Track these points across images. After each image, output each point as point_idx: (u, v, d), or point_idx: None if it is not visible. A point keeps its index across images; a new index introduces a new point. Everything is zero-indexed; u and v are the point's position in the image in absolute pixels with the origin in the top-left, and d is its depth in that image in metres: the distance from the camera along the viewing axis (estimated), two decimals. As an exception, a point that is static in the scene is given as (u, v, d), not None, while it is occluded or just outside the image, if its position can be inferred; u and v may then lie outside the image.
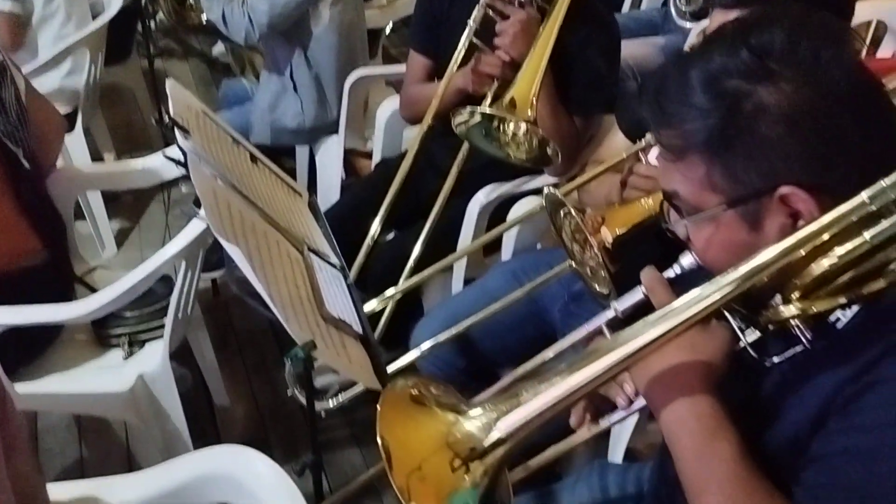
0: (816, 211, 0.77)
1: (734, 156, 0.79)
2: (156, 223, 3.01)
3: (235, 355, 2.46)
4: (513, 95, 1.63)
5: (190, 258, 1.64)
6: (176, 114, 1.16)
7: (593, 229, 1.30)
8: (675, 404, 0.81)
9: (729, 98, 0.77)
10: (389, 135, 2.35)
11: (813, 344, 0.78)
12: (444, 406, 0.81)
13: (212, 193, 1.03)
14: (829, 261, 0.76)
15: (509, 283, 1.75)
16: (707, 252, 0.86)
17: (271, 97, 2.55)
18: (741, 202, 0.80)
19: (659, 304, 0.86)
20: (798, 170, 0.77)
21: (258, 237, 1.08)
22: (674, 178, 0.84)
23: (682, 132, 0.80)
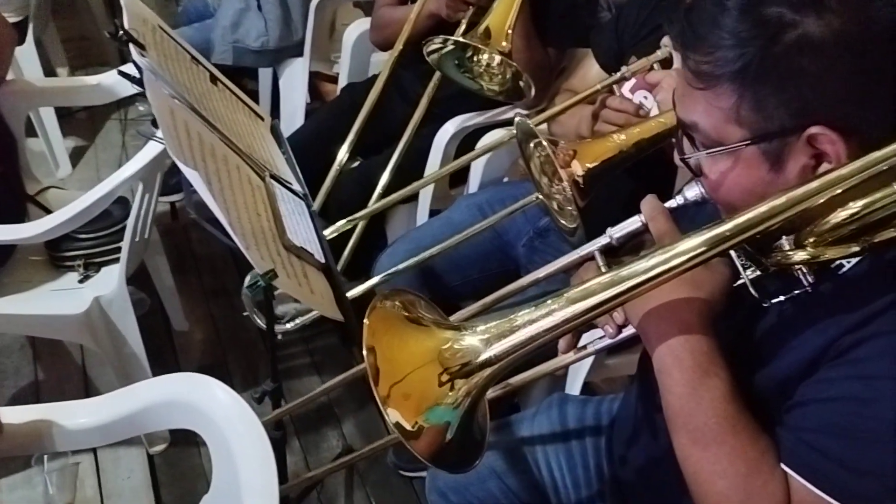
0: (844, 154, 0.74)
1: (768, 88, 0.75)
2: (112, 142, 2.92)
3: (194, 280, 2.43)
4: (488, 25, 1.58)
5: (147, 180, 1.59)
6: (131, 28, 1.10)
7: (564, 162, 1.27)
8: (670, 339, 0.80)
9: (771, 26, 0.73)
10: (357, 58, 2.29)
11: (813, 288, 0.77)
12: (441, 323, 0.80)
13: (169, 114, 0.98)
14: (852, 209, 0.74)
15: (475, 216, 1.73)
16: (720, 187, 0.82)
17: (234, 15, 2.44)
18: (766, 139, 0.76)
19: (658, 234, 0.85)
20: (833, 109, 0.74)
21: (218, 162, 1.04)
22: (696, 107, 0.80)
23: (715, 58, 0.76)
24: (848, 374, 0.74)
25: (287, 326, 1.79)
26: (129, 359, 1.78)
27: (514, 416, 1.30)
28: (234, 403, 0.97)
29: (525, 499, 1.16)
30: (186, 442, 1.85)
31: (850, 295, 0.76)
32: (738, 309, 0.86)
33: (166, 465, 1.85)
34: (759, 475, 0.76)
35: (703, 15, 0.77)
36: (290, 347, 2.20)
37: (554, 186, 1.34)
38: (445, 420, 0.76)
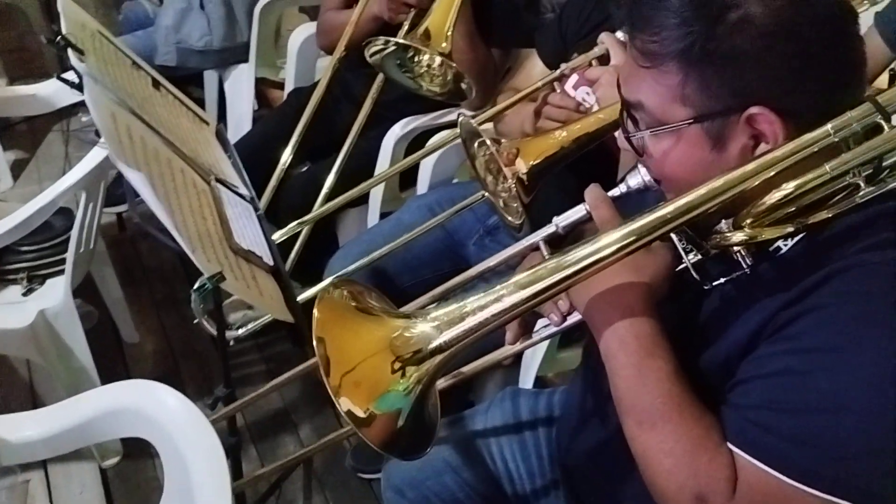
0: (781, 135, 0.77)
1: (711, 68, 0.77)
2: (54, 154, 2.87)
3: (144, 290, 2.40)
4: (427, 26, 1.59)
5: (90, 189, 1.56)
6: (69, 33, 1.08)
7: (508, 160, 1.30)
8: (614, 323, 0.82)
9: (715, 7, 0.75)
10: (302, 63, 2.28)
11: (753, 269, 0.79)
12: (391, 312, 0.81)
13: (110, 118, 0.98)
14: (786, 190, 0.77)
15: (425, 216, 1.74)
16: (663, 166, 0.84)
17: (176, 15, 2.42)
18: (709, 118, 0.78)
19: (601, 221, 0.87)
20: (771, 89, 0.76)
21: (161, 165, 1.03)
22: (641, 86, 0.82)
23: (661, 38, 0.78)
24: (785, 349, 0.76)
25: (238, 332, 1.77)
26: (78, 373, 1.75)
27: (468, 410, 1.32)
28: (185, 408, 0.96)
29: (481, 490, 1.17)
30: (140, 454, 1.83)
31: (788, 273, 0.79)
32: (681, 292, 0.88)
33: (119, 478, 1.82)
34: (705, 452, 0.78)
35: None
36: (243, 356, 2.18)
37: (499, 184, 1.36)
38: (397, 407, 0.77)
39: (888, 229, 0.77)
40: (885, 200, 0.78)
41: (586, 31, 1.57)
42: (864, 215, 0.78)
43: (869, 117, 0.75)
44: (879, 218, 0.78)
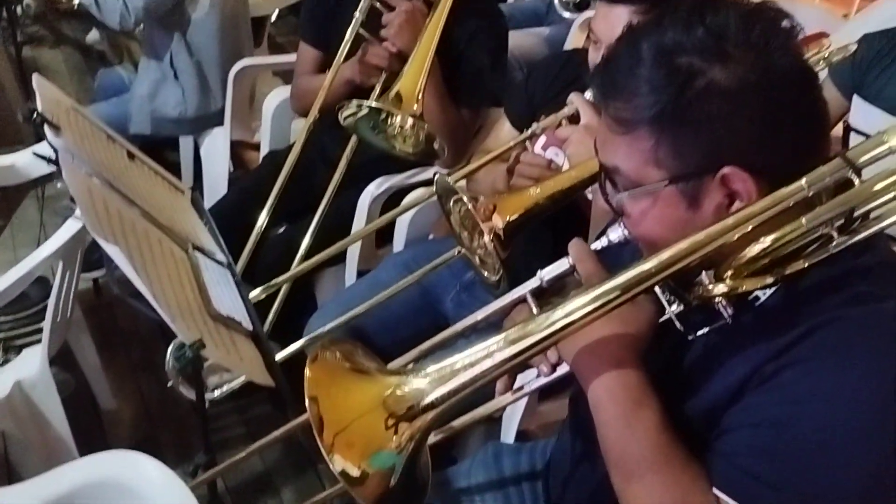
0: (755, 191, 0.80)
1: (682, 132, 0.80)
2: (29, 221, 2.85)
3: (121, 356, 2.37)
4: (398, 90, 1.64)
5: (67, 258, 1.57)
6: (45, 110, 1.11)
7: (485, 216, 1.32)
8: (602, 374, 0.84)
9: (683, 74, 0.79)
10: (277, 126, 2.32)
11: (734, 319, 0.82)
12: (383, 370, 0.83)
13: (87, 192, 0.99)
14: (765, 244, 0.80)
15: (402, 274, 1.76)
16: (640, 226, 0.87)
17: (151, 85, 2.45)
18: (683, 179, 0.81)
19: (586, 275, 0.90)
20: (741, 150, 0.79)
21: (139, 236, 1.04)
22: (617, 152, 0.85)
23: (633, 105, 0.81)
24: (772, 400, 0.78)
25: (216, 395, 1.76)
26: (55, 443, 1.72)
27: (450, 469, 1.32)
28: (165, 478, 0.96)
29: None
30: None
31: (769, 324, 0.82)
32: (664, 342, 0.90)
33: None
34: (693, 500, 0.80)
35: (620, 66, 0.84)
36: (223, 419, 2.16)
37: (475, 241, 1.39)
38: (390, 465, 0.78)
39: (862, 283, 0.81)
40: (857, 256, 0.82)
41: (553, 94, 1.62)
42: (839, 269, 0.81)
43: (840, 172, 0.79)
44: (853, 273, 0.81)
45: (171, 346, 1.52)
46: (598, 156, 0.90)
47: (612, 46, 0.87)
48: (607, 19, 1.36)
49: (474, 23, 1.84)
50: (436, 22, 1.73)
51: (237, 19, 2.48)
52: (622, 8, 1.33)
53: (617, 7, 1.33)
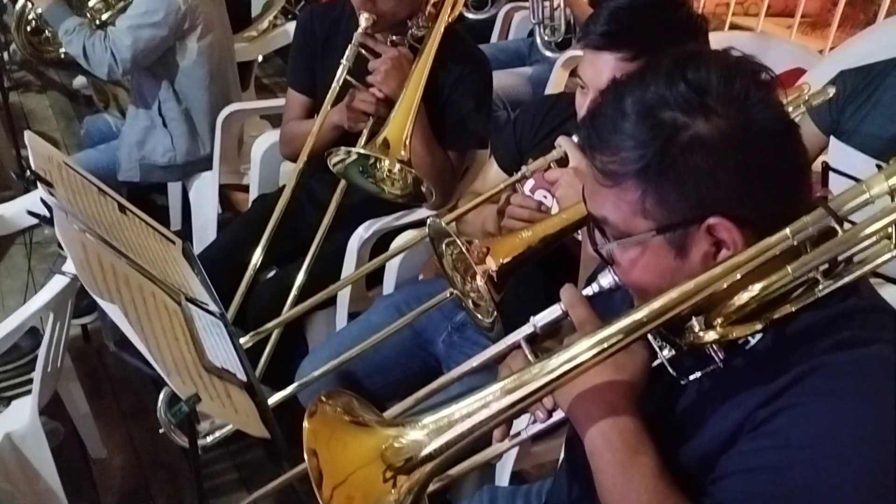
0: (740, 240, 0.82)
1: (668, 184, 0.82)
2: (17, 268, 2.84)
3: (110, 402, 2.36)
4: (386, 136, 1.66)
5: (58, 310, 1.57)
6: (37, 166, 1.12)
7: (478, 259, 1.34)
8: (598, 422, 0.85)
9: (667, 129, 0.81)
10: (266, 170, 2.33)
11: (725, 363, 0.83)
12: (381, 422, 0.83)
13: (81, 248, 1.00)
14: (753, 292, 0.82)
15: (393, 316, 1.77)
16: (630, 273, 0.89)
17: (139, 133, 2.47)
18: (670, 229, 0.84)
19: (579, 321, 0.91)
20: (726, 201, 0.81)
21: (133, 291, 1.05)
22: (605, 203, 0.87)
23: (620, 159, 0.84)
24: (765, 446, 0.80)
25: (208, 441, 1.75)
26: (45, 495, 1.71)
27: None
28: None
29: None
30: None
31: (760, 369, 0.83)
32: (657, 385, 0.91)
33: None
34: None
35: (606, 120, 0.86)
36: (215, 464, 2.14)
37: (468, 284, 1.40)
38: None
39: (849, 328, 0.83)
40: (843, 299, 0.84)
41: (541, 137, 1.65)
42: (825, 314, 0.83)
43: (823, 222, 0.81)
44: (839, 317, 0.83)
45: (163, 393, 1.51)
46: (586, 206, 0.93)
47: (597, 100, 0.90)
48: (594, 65, 1.38)
49: (459, 68, 1.87)
50: (422, 68, 1.76)
51: (224, 65, 2.50)
52: (608, 55, 1.36)
53: (603, 54, 1.36)
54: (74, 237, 1.02)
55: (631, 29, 1.35)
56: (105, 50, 2.25)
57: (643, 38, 1.34)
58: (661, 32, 1.34)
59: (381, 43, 1.82)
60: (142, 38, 2.26)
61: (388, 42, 1.82)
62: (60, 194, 1.13)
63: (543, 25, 3.11)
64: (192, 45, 2.36)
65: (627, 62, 1.35)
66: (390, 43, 1.82)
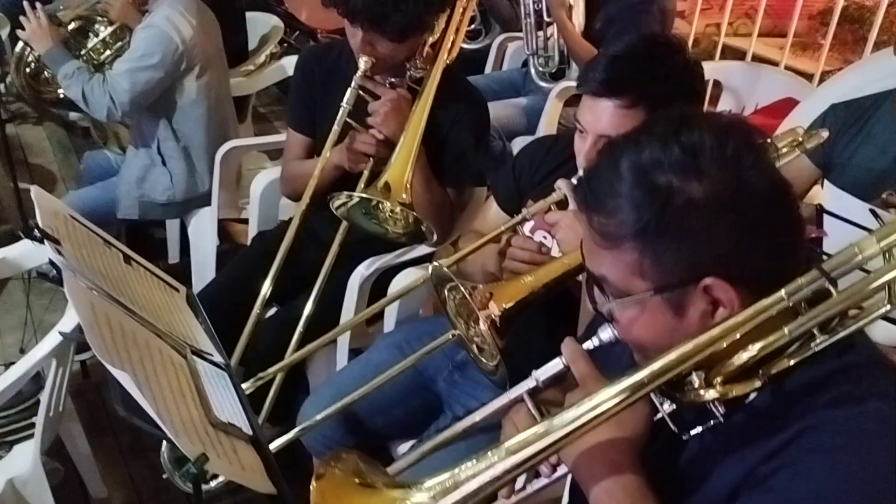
0: (736, 300, 0.84)
1: (664, 246, 0.84)
2: (16, 303, 2.83)
3: (110, 439, 2.35)
4: (387, 179, 1.68)
5: (60, 356, 1.57)
6: (45, 225, 1.13)
7: (481, 304, 1.35)
8: (602, 479, 0.86)
9: (662, 192, 0.83)
10: (265, 207, 2.34)
11: (726, 418, 0.85)
12: (387, 483, 0.84)
13: (90, 309, 1.01)
14: (751, 352, 0.83)
15: (394, 355, 1.78)
16: (630, 331, 0.91)
17: (138, 171, 2.48)
18: (667, 289, 0.85)
19: (580, 376, 0.93)
20: (721, 262, 0.83)
21: (140, 349, 1.06)
22: (603, 262, 0.89)
23: (617, 222, 0.85)
24: (766, 501, 0.81)
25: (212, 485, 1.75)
26: (46, 539, 1.70)
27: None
28: None
29: None
30: None
31: (760, 425, 0.85)
32: (659, 439, 0.92)
33: None
34: None
35: (602, 182, 0.88)
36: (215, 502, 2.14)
37: (472, 328, 1.41)
38: None
39: (846, 384, 0.84)
40: (839, 354, 0.86)
41: (540, 178, 1.67)
42: (822, 369, 0.85)
43: (817, 283, 0.83)
44: (836, 373, 0.85)
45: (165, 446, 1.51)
46: (584, 262, 0.94)
47: (594, 161, 0.92)
48: (593, 111, 1.41)
49: (456, 107, 1.89)
50: (421, 110, 1.78)
51: (222, 102, 2.52)
52: (607, 101, 1.38)
53: (602, 100, 1.38)
54: (83, 297, 1.03)
55: (629, 76, 1.37)
56: (104, 93, 2.27)
57: (641, 86, 1.36)
58: (659, 79, 1.37)
59: (380, 85, 1.84)
60: (140, 81, 2.27)
61: (387, 84, 1.85)
62: (67, 250, 1.14)
63: (537, 56, 3.14)
64: (190, 84, 2.38)
65: (626, 109, 1.37)
66: (389, 85, 1.84)
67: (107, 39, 2.48)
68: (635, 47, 1.40)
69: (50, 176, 3.73)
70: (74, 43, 2.46)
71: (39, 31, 2.28)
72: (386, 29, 1.72)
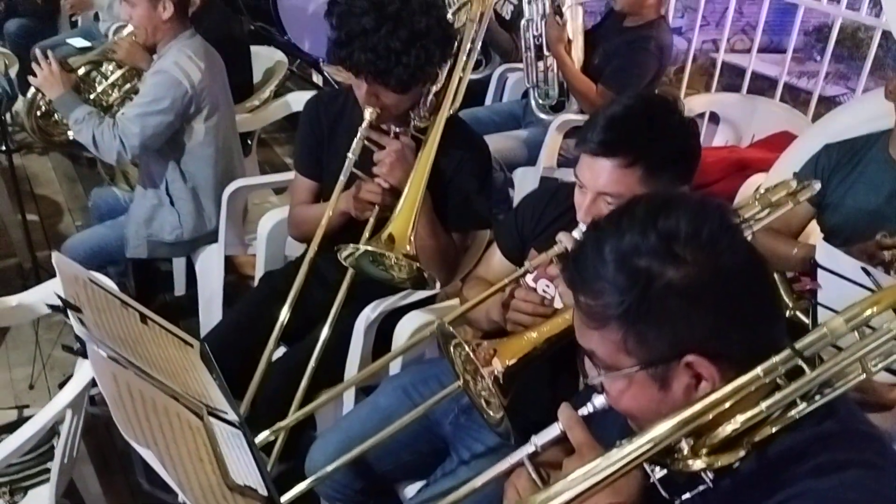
0: (717, 375, 0.90)
1: (647, 327, 0.90)
2: (24, 338, 2.87)
3: (120, 479, 2.39)
4: (391, 231, 1.74)
5: (76, 405, 1.61)
6: (67, 294, 1.17)
7: (485, 361, 1.40)
8: None
9: (642, 277, 0.89)
10: (272, 247, 2.38)
11: (715, 483, 0.90)
12: None
13: (113, 381, 1.05)
14: (734, 425, 0.89)
15: (400, 398, 1.82)
16: (620, 402, 0.97)
17: (147, 211, 2.53)
18: (651, 365, 0.91)
19: (577, 443, 0.98)
20: (701, 339, 0.89)
21: (160, 416, 1.10)
22: (592, 339, 0.95)
23: (603, 304, 0.91)
24: None
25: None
26: (61, 583, 1.74)
27: None
28: None
29: None
30: None
31: (747, 492, 0.90)
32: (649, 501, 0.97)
33: None
34: None
35: (587, 264, 0.94)
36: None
37: (478, 383, 1.45)
38: None
39: (827, 452, 0.89)
40: (820, 421, 0.91)
41: (542, 227, 1.71)
42: (804, 437, 0.90)
43: (791, 362, 0.89)
44: (817, 441, 0.90)
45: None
46: (578, 339, 1.00)
47: (579, 244, 0.99)
48: (592, 170, 1.45)
49: (459, 153, 1.94)
50: (425, 159, 1.83)
51: (229, 142, 2.57)
52: (605, 160, 1.42)
53: (601, 159, 1.43)
54: (106, 370, 1.07)
55: (626, 137, 1.42)
56: (114, 137, 2.32)
57: (638, 146, 1.41)
58: (655, 139, 1.42)
59: (385, 135, 1.88)
60: (150, 125, 2.32)
61: (392, 133, 1.89)
62: (88, 317, 1.18)
63: (537, 88, 3.20)
64: (199, 126, 2.43)
65: (623, 168, 1.42)
66: (394, 134, 1.89)
67: (116, 82, 2.53)
68: (632, 109, 1.45)
69: (56, 207, 3.77)
70: (84, 87, 2.51)
71: (51, 78, 2.33)
72: (389, 81, 1.77)
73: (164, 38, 2.39)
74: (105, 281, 1.40)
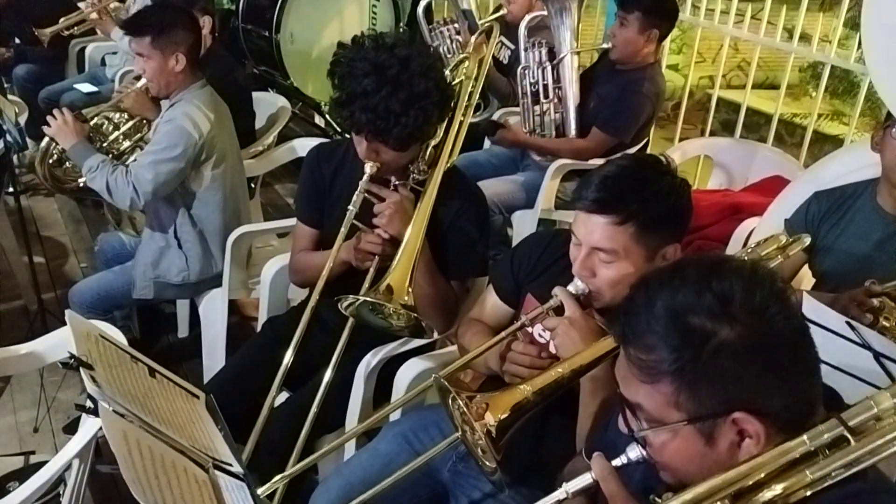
0: (762, 433, 0.94)
1: (700, 384, 0.94)
2: (29, 380, 2.90)
3: (123, 523, 2.41)
4: (389, 282, 1.79)
5: (83, 454, 1.64)
6: (80, 352, 1.22)
7: (477, 415, 1.44)
8: None
9: (697, 335, 0.93)
10: (275, 293, 2.43)
11: None
12: None
13: (123, 439, 1.09)
14: (775, 492, 0.93)
15: (401, 445, 1.86)
16: (662, 455, 1.01)
17: (154, 253, 2.58)
18: (700, 420, 0.95)
19: (610, 494, 1.02)
20: (750, 398, 0.93)
21: (168, 471, 1.13)
22: (639, 392, 0.99)
23: (655, 359, 0.95)
24: None
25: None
26: None
27: None
28: None
29: None
30: None
31: None
32: None
33: None
34: None
35: (640, 319, 0.98)
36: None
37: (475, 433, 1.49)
38: None
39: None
40: (850, 481, 0.95)
41: (537, 273, 1.77)
42: (837, 496, 0.94)
43: (835, 430, 0.94)
44: (849, 498, 0.94)
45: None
46: (618, 388, 1.04)
47: (630, 296, 1.02)
48: (587, 226, 1.51)
49: (457, 203, 2.00)
50: (424, 211, 1.89)
51: (236, 188, 2.63)
52: (599, 217, 1.48)
53: (595, 216, 1.48)
54: (117, 427, 1.11)
55: (619, 196, 1.47)
56: (127, 184, 2.38)
57: (631, 205, 1.46)
58: (647, 199, 1.47)
59: (385, 188, 1.94)
60: (162, 172, 2.39)
61: (392, 186, 1.95)
62: (100, 374, 1.22)
63: (535, 133, 3.27)
64: (208, 172, 2.50)
65: (617, 225, 1.47)
66: (393, 187, 1.95)
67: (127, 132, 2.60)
68: (626, 169, 1.50)
69: (62, 248, 3.82)
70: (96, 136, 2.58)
71: (65, 128, 2.40)
72: (388, 140, 1.84)
73: (176, 89, 2.46)
74: (115, 334, 1.45)
